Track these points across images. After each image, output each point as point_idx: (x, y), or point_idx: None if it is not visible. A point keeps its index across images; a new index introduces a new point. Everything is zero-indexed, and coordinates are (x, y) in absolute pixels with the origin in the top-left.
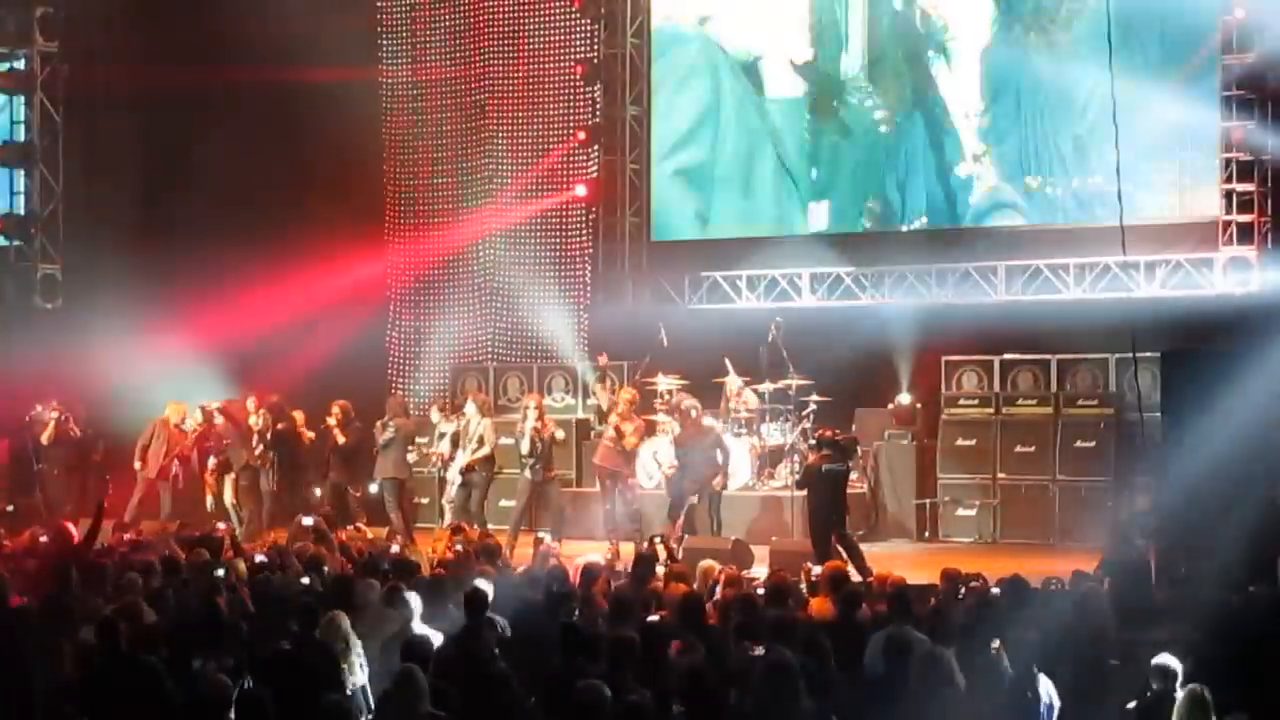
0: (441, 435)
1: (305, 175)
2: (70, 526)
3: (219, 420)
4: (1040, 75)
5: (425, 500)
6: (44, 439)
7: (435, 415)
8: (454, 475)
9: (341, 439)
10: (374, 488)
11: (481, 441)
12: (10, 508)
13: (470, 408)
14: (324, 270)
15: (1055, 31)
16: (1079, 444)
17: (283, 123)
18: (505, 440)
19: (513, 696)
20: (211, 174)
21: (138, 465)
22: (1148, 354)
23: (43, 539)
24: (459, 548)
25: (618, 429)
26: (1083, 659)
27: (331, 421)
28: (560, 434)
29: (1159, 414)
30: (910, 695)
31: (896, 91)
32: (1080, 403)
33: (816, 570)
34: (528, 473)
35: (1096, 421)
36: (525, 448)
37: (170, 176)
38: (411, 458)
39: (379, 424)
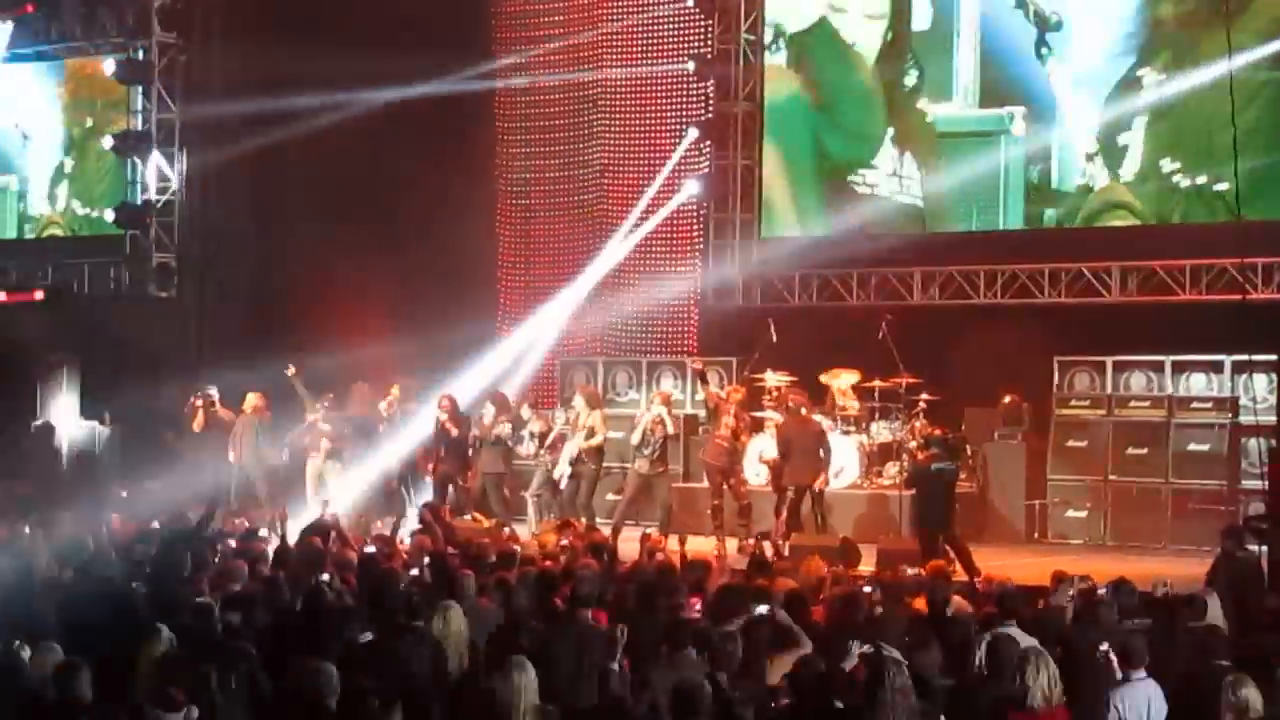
0: (533, 435)
1: (419, 165)
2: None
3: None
4: (1154, 75)
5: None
6: (195, 427)
7: (526, 412)
8: (564, 468)
9: (454, 431)
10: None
11: (592, 432)
12: (124, 493)
13: (579, 400)
14: (436, 262)
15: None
16: (1192, 447)
17: (397, 111)
18: (614, 434)
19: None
20: (327, 164)
21: (231, 456)
22: (1264, 357)
23: (155, 525)
24: (565, 542)
25: (733, 430)
26: (1194, 662)
27: (444, 417)
28: (673, 429)
29: (1275, 417)
30: (1011, 695)
31: (1009, 90)
32: (1194, 405)
33: (912, 572)
34: (637, 464)
35: (1210, 424)
36: (636, 438)
37: (286, 166)
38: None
39: (479, 417)
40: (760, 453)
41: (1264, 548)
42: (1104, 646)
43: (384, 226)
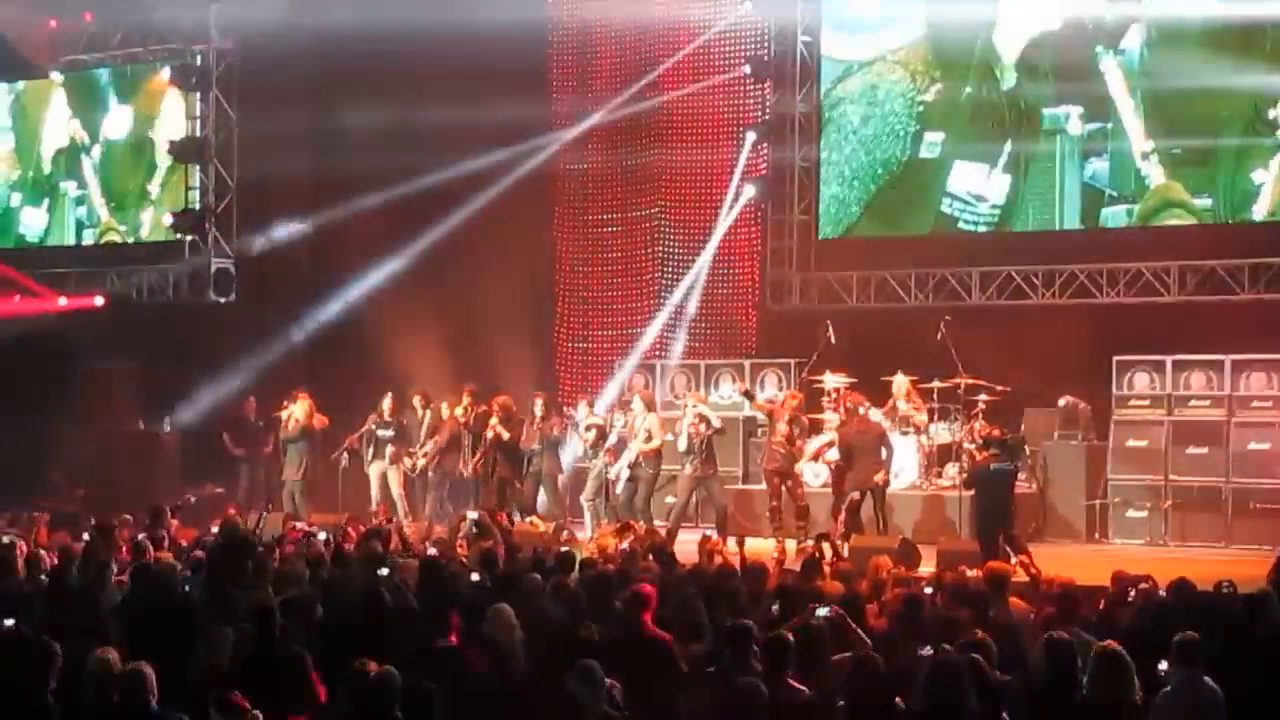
0: (588, 428)
1: (475, 167)
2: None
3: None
4: (1207, 71)
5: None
6: (288, 430)
7: (583, 410)
8: (623, 470)
9: (505, 435)
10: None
11: (650, 435)
12: (193, 499)
13: (637, 403)
14: (492, 266)
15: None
16: (1252, 446)
17: (452, 117)
18: (669, 437)
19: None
20: (383, 168)
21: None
22: None
23: (214, 530)
24: (624, 545)
25: (787, 436)
26: (1257, 662)
27: (494, 421)
28: (718, 423)
29: None
30: (1083, 698)
31: (1065, 88)
32: (1254, 404)
33: (972, 573)
34: (687, 468)
35: (1271, 423)
36: (683, 445)
37: (343, 172)
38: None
39: (538, 420)
40: (821, 452)
41: None
42: (1163, 666)
43: (442, 224)
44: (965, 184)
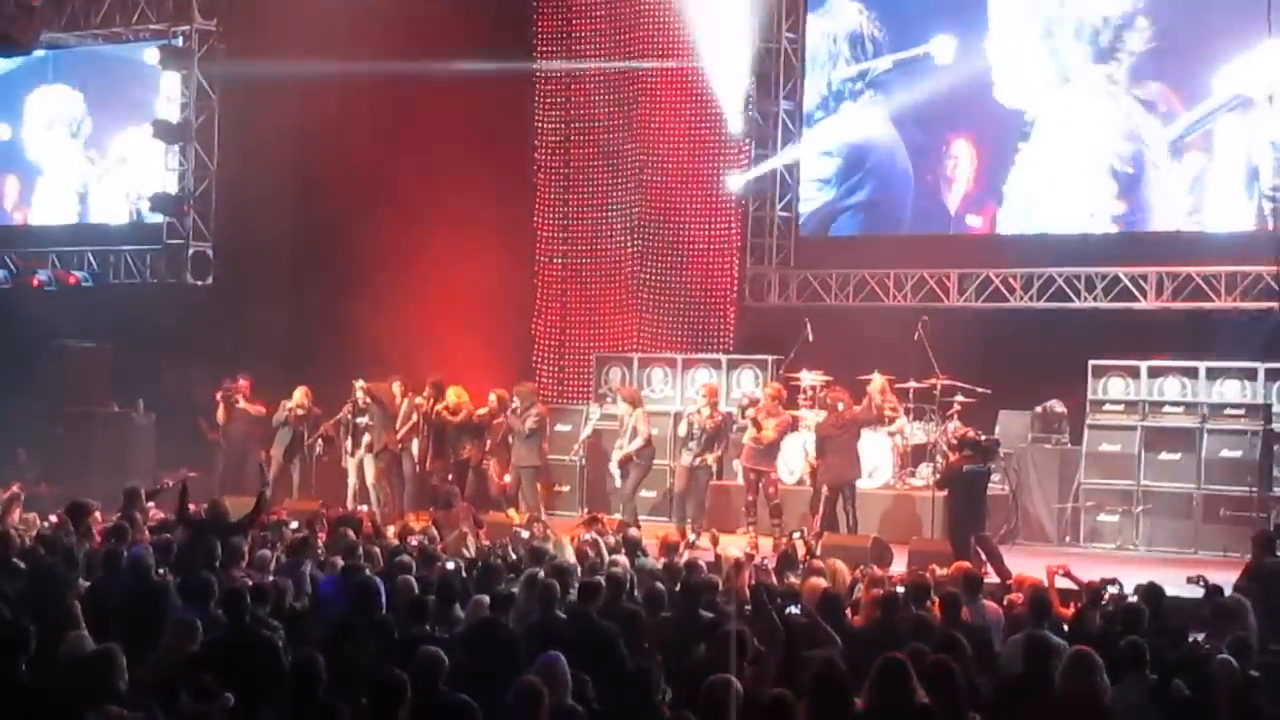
0: (588, 420)
1: (456, 157)
2: (225, 504)
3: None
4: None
5: (566, 488)
6: (219, 418)
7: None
8: (613, 469)
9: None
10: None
11: (636, 433)
12: (169, 484)
13: (620, 404)
14: (471, 254)
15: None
16: (1225, 453)
17: (434, 103)
18: (655, 430)
19: (647, 688)
20: (364, 155)
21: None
22: None
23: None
24: (591, 536)
25: (754, 421)
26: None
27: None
28: (713, 424)
29: None
30: (1054, 696)
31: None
32: (1228, 412)
33: (943, 573)
34: (684, 456)
35: (1243, 431)
36: (683, 430)
37: (323, 157)
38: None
39: (511, 411)
40: (804, 443)
41: None
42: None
43: (422, 217)
44: None
